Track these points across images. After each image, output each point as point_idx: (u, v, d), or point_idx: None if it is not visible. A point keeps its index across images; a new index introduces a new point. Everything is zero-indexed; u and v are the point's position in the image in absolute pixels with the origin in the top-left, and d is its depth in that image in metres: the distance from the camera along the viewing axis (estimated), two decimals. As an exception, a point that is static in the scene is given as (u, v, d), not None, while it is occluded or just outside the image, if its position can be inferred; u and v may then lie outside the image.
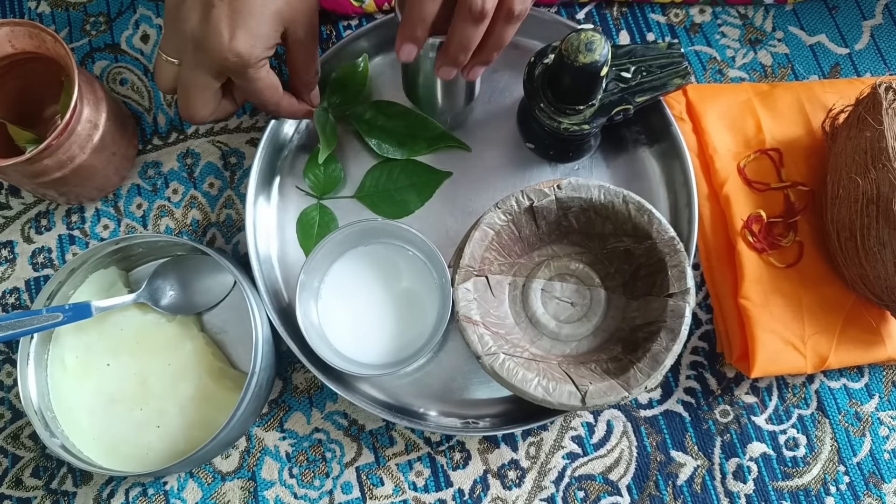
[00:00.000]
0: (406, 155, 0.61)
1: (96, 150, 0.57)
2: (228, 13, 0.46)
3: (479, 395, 0.58)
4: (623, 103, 0.54)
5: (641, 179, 0.60)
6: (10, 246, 0.63)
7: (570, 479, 0.58)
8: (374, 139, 0.60)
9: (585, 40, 0.48)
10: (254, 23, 0.47)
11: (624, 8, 0.65)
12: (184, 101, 0.51)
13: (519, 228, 0.54)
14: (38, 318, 0.54)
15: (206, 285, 0.60)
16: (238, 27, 0.47)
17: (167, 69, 0.51)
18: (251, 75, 0.49)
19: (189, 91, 0.51)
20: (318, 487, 0.58)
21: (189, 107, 0.52)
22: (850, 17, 0.65)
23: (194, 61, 0.49)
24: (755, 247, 0.58)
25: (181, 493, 0.58)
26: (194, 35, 0.48)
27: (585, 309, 0.56)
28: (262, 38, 0.48)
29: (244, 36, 0.47)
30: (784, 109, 0.61)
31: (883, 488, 0.57)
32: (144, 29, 0.66)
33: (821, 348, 0.56)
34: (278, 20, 0.48)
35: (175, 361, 0.57)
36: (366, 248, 0.58)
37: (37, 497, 0.59)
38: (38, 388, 0.56)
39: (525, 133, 0.61)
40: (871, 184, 0.51)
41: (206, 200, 0.63)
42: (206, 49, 0.48)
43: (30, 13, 0.67)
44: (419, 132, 0.61)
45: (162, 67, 0.51)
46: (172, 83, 0.52)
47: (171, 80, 0.52)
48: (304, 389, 0.60)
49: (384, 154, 0.60)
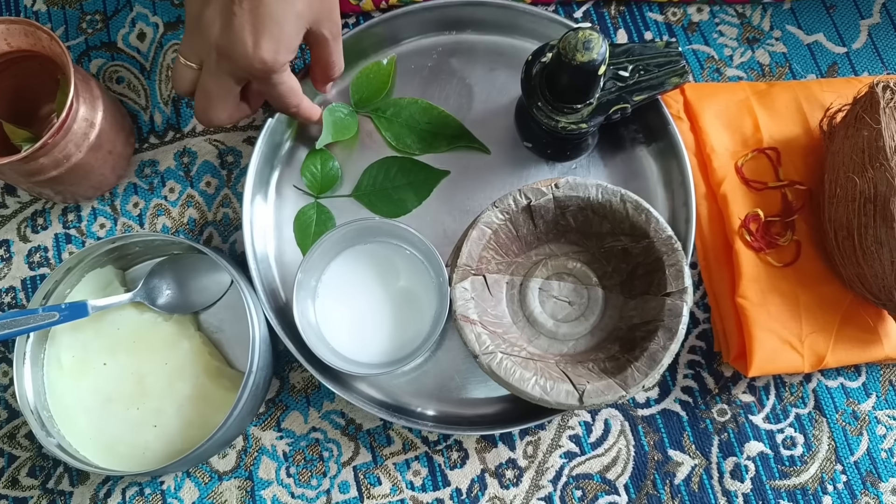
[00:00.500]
0: (425, 151, 0.61)
1: (92, 149, 0.57)
2: (251, 20, 0.46)
3: (476, 394, 0.58)
4: (621, 102, 0.54)
5: (639, 178, 0.60)
6: (6, 245, 0.63)
7: (568, 479, 0.58)
8: (394, 134, 0.61)
9: (583, 39, 0.48)
10: (276, 28, 0.47)
11: (621, 6, 0.65)
12: (203, 105, 0.52)
13: (516, 227, 0.54)
14: (34, 317, 0.54)
15: (203, 284, 0.60)
16: (261, 34, 0.47)
17: (186, 73, 0.51)
18: (274, 80, 0.50)
19: (210, 95, 0.51)
20: (315, 487, 0.58)
21: (208, 110, 0.52)
22: (847, 17, 0.65)
23: (217, 68, 0.49)
24: (753, 246, 0.58)
25: (178, 492, 0.58)
26: (218, 43, 0.48)
27: (583, 308, 0.56)
28: (286, 43, 0.48)
29: (268, 42, 0.47)
30: (782, 108, 0.61)
31: (880, 487, 0.57)
32: (141, 27, 0.66)
33: (818, 347, 0.56)
34: (300, 22, 0.48)
35: (172, 360, 0.57)
36: (363, 247, 0.58)
37: (33, 497, 0.59)
38: (35, 388, 0.55)
39: (522, 132, 0.60)
40: (869, 183, 0.51)
41: (203, 199, 0.63)
42: (230, 57, 0.48)
43: (26, 11, 0.67)
44: (441, 129, 0.61)
45: (181, 71, 0.51)
46: (190, 87, 0.52)
47: (189, 84, 0.52)
48: (302, 389, 0.60)
49: (402, 149, 0.61)
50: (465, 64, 0.62)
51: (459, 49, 0.62)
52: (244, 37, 0.47)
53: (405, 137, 0.61)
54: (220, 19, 0.47)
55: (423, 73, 0.62)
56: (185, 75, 0.51)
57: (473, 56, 0.62)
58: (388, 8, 0.64)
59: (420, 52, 0.63)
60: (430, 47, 0.63)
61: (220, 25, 0.47)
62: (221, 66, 0.49)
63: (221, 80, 0.50)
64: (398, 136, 0.61)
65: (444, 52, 0.63)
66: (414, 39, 0.63)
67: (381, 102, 0.62)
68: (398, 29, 0.62)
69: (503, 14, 0.61)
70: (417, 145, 0.61)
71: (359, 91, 0.61)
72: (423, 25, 0.62)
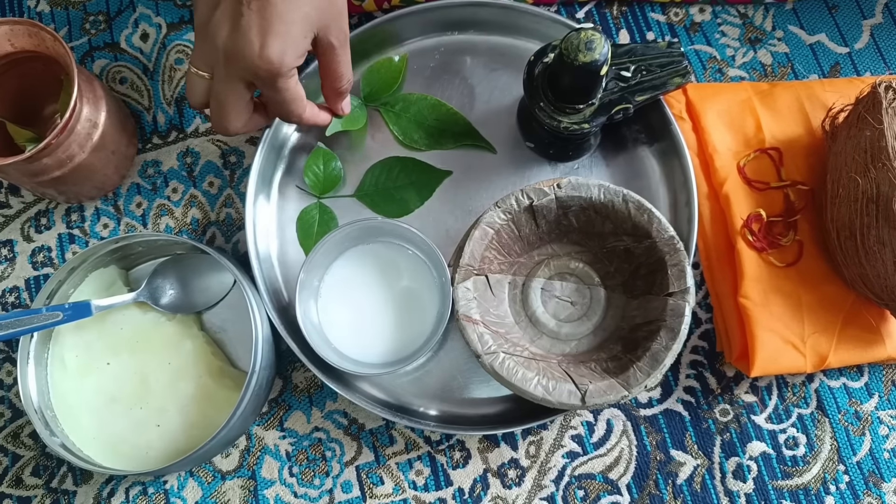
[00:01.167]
0: (432, 147, 0.61)
1: (96, 149, 0.57)
2: (258, 21, 0.46)
3: (478, 394, 0.58)
4: (623, 102, 0.54)
5: (641, 178, 0.60)
6: (9, 245, 0.63)
7: (570, 478, 0.58)
8: (401, 129, 0.61)
9: (585, 39, 0.48)
10: (283, 28, 0.47)
11: (624, 7, 0.65)
12: (217, 113, 0.51)
13: (519, 227, 0.54)
14: (37, 316, 0.54)
15: (206, 284, 0.60)
16: (268, 34, 0.46)
17: (198, 83, 0.51)
18: (280, 85, 0.49)
19: (222, 103, 0.51)
20: (318, 486, 0.58)
21: (222, 118, 0.52)
22: (849, 17, 0.65)
23: (226, 73, 0.49)
24: (755, 246, 0.58)
25: (181, 491, 0.58)
26: (225, 46, 0.48)
27: (585, 308, 0.56)
28: (293, 44, 0.47)
29: (275, 42, 0.47)
30: (784, 108, 0.61)
31: (882, 487, 0.57)
32: (144, 28, 0.66)
33: (820, 347, 0.56)
34: (307, 24, 0.48)
35: (175, 360, 0.57)
36: (366, 247, 0.58)
37: (37, 496, 0.59)
38: (38, 387, 0.56)
39: (525, 132, 0.61)
40: (871, 183, 0.51)
41: (206, 199, 0.63)
42: (237, 58, 0.47)
43: (29, 12, 0.67)
44: (449, 126, 0.61)
45: (193, 82, 0.51)
46: (204, 97, 0.52)
47: (202, 94, 0.51)
48: (304, 388, 0.60)
49: (410, 144, 0.61)
50: (468, 64, 0.62)
51: (462, 49, 0.63)
52: (251, 37, 0.47)
53: (412, 133, 0.61)
54: (228, 22, 0.47)
55: (425, 74, 0.62)
56: (198, 85, 0.51)
57: (475, 56, 0.62)
58: (390, 8, 0.64)
59: (422, 52, 0.63)
60: (432, 48, 0.63)
61: (228, 28, 0.47)
62: (230, 71, 0.49)
63: (231, 85, 0.50)
64: (405, 131, 0.61)
65: (446, 53, 0.63)
66: (416, 40, 0.63)
67: (391, 97, 0.62)
68: (401, 29, 0.62)
69: (505, 15, 0.61)
70: (424, 141, 0.61)
71: (369, 84, 0.62)
72: (425, 26, 0.62)
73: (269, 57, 0.47)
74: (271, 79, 0.48)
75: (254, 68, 0.47)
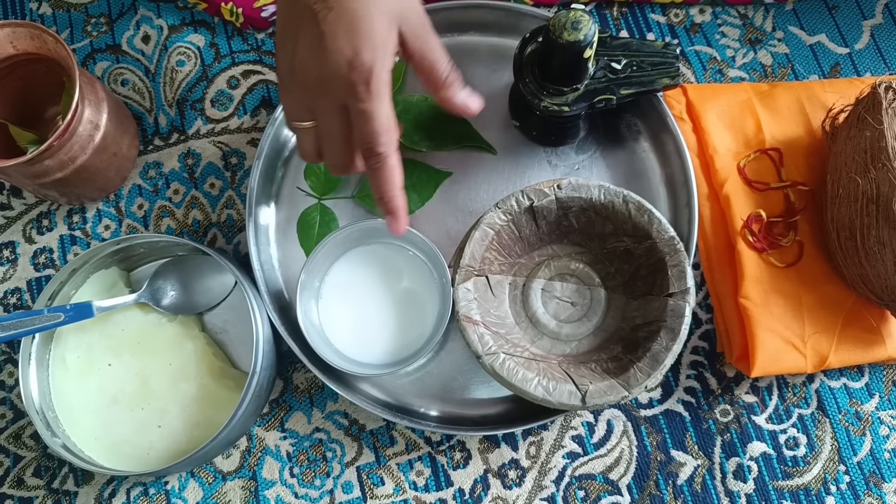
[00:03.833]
0: (432, 148, 0.61)
1: (97, 151, 0.57)
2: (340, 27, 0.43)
3: (479, 394, 0.58)
4: (607, 93, 0.53)
5: (641, 179, 0.60)
6: (11, 246, 0.63)
7: (571, 479, 0.58)
8: (402, 130, 0.61)
9: (573, 18, 0.48)
10: (366, 25, 0.43)
11: (624, 8, 0.65)
12: (333, 153, 0.48)
13: (519, 228, 0.54)
14: (39, 318, 0.54)
15: (207, 285, 0.60)
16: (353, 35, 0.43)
17: (307, 137, 0.48)
18: (373, 103, 0.44)
19: (335, 137, 0.47)
20: (318, 487, 0.58)
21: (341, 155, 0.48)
22: (850, 17, 0.65)
23: (327, 106, 0.46)
24: (755, 246, 0.58)
25: (182, 492, 0.58)
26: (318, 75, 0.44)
27: (585, 309, 0.56)
28: (381, 42, 0.44)
29: (363, 43, 0.43)
30: (784, 109, 0.61)
31: (883, 488, 0.57)
32: (145, 30, 0.66)
33: (821, 348, 0.56)
34: (389, 19, 0.44)
35: (176, 361, 0.57)
36: (366, 248, 0.58)
37: (38, 497, 0.59)
38: (40, 388, 0.56)
39: (513, 110, 0.60)
40: (871, 183, 0.51)
41: (207, 201, 0.63)
42: (331, 79, 0.44)
43: (31, 14, 0.68)
44: (449, 127, 0.61)
45: (302, 138, 0.48)
46: (318, 147, 0.48)
47: (314, 145, 0.48)
48: (305, 389, 0.60)
49: (410, 145, 0.60)
50: (468, 65, 0.62)
51: (462, 51, 0.63)
52: (338, 46, 0.43)
53: (413, 133, 0.61)
54: (309, 48, 0.44)
55: (426, 75, 0.62)
56: (307, 139, 0.48)
57: (476, 58, 0.62)
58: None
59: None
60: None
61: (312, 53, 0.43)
62: (328, 102, 0.45)
63: (333, 117, 0.46)
64: (406, 132, 0.61)
65: (446, 54, 0.63)
66: (417, 41, 0.63)
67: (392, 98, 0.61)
68: (401, 31, 0.62)
69: (505, 16, 0.61)
70: (425, 142, 0.61)
71: None
72: (425, 27, 0.62)
73: (362, 58, 0.43)
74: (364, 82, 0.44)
75: (345, 78, 0.43)
